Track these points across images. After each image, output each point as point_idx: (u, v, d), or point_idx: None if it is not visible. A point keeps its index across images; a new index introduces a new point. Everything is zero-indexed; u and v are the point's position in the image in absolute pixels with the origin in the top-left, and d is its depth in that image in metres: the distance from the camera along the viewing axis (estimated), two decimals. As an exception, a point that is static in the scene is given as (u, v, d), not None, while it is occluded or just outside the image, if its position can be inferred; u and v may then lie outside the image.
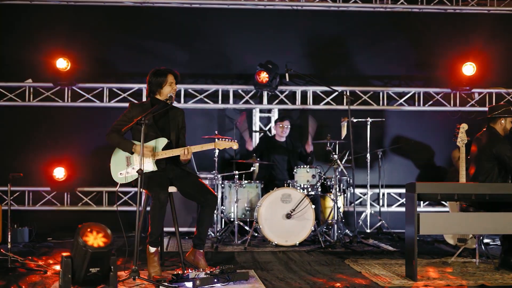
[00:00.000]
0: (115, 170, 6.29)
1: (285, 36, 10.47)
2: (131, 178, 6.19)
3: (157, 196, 5.92)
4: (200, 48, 10.38)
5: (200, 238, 6.23)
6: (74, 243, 4.05)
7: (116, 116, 10.09)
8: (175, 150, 6.18)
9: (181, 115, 6.48)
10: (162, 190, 5.96)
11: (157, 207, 5.93)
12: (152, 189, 5.95)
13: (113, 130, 6.34)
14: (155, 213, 5.97)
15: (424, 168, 10.65)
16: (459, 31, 10.51)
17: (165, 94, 6.33)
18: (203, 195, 6.15)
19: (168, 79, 6.35)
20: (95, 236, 4.01)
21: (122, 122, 6.32)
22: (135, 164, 6.21)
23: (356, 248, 8.15)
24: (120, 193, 10.20)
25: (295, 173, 8.66)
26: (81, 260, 3.97)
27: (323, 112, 10.48)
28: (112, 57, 10.25)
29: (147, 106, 6.34)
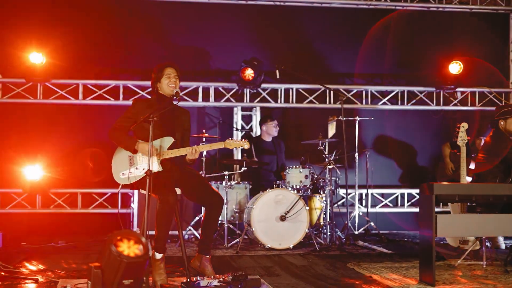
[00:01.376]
0: (117, 170, 5.88)
1: (266, 32, 10.18)
2: (134, 179, 5.80)
3: (166, 198, 5.53)
4: (178, 43, 9.99)
5: (206, 242, 5.84)
6: (104, 252, 3.63)
7: (91, 114, 9.78)
8: (181, 149, 5.80)
9: (186, 116, 6.12)
10: (171, 192, 5.57)
11: (166, 210, 5.54)
12: (159, 191, 5.54)
13: (116, 128, 5.94)
14: (163, 217, 5.57)
15: (407, 168, 10.50)
16: (443, 30, 10.43)
17: (164, 88, 5.99)
18: (208, 197, 5.78)
19: (165, 72, 6.00)
20: (128, 245, 3.61)
21: (126, 119, 5.95)
22: (139, 164, 5.81)
23: (351, 251, 7.90)
24: (95, 195, 9.72)
25: (287, 173, 8.35)
26: (113, 271, 3.56)
27: (306, 110, 10.21)
28: (88, 52, 9.74)
29: (152, 102, 5.98)
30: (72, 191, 9.63)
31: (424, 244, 5.95)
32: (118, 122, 5.96)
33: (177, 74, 6.02)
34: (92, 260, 7.11)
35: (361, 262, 7.09)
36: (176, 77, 6.01)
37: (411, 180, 10.45)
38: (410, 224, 10.37)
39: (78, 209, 9.63)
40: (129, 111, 5.97)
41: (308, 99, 10.10)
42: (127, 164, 5.83)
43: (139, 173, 5.78)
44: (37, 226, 9.40)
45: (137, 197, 8.80)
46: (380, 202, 10.30)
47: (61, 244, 8.39)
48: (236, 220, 8.42)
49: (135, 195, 8.82)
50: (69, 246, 8.30)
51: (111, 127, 5.96)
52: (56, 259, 7.15)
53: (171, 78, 5.97)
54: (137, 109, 5.92)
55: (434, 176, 10.23)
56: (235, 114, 10.05)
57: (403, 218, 10.36)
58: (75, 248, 8.12)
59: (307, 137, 9.88)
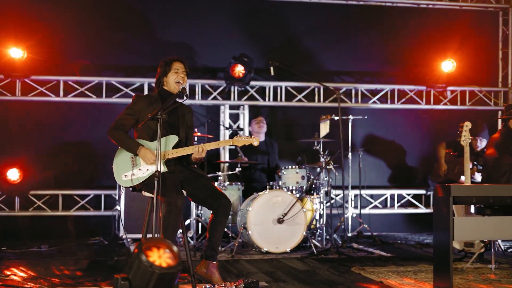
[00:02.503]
0: (118, 171, 5.52)
1: (253, 28, 9.88)
2: (137, 181, 5.44)
3: (174, 202, 5.17)
4: (163, 38, 9.61)
5: (213, 248, 5.51)
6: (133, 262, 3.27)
7: (73, 112, 9.35)
8: (187, 148, 5.47)
9: (189, 113, 5.78)
10: (179, 195, 5.23)
11: (174, 215, 5.18)
12: (166, 193, 5.19)
13: (116, 127, 5.57)
14: (171, 221, 5.19)
15: (396, 168, 10.29)
16: (433, 28, 10.24)
17: (170, 83, 5.65)
18: (215, 199, 5.45)
19: (173, 66, 5.67)
20: (159, 254, 3.27)
21: (127, 116, 5.59)
22: (142, 165, 5.45)
23: (349, 254, 7.66)
24: (76, 197, 9.29)
25: (283, 174, 8.06)
26: (144, 283, 3.19)
27: (295, 109, 9.94)
28: (69, 48, 9.30)
29: (155, 98, 5.63)
30: (53, 192, 9.18)
31: (440, 248, 5.71)
32: (119, 121, 5.61)
33: (185, 69, 5.70)
34: (83, 266, 6.81)
35: (365, 266, 6.84)
36: (184, 73, 5.69)
37: (400, 180, 10.25)
38: (400, 225, 10.19)
39: (59, 211, 9.18)
40: (130, 108, 5.62)
41: (297, 97, 9.82)
42: (130, 165, 5.48)
43: (142, 174, 5.44)
44: (15, 229, 8.94)
45: (124, 199, 8.41)
46: (370, 203, 10.06)
47: (44, 249, 7.99)
48: (229, 222, 8.09)
49: (122, 196, 8.43)
50: (53, 251, 7.89)
51: (111, 126, 5.59)
52: (44, 265, 6.77)
53: (179, 74, 5.64)
54: (139, 106, 5.58)
55: (426, 177, 10.05)
56: (222, 113, 9.71)
57: (393, 219, 10.15)
58: (61, 253, 7.70)
59: (296, 136, 9.65)
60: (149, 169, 5.41)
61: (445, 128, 10.22)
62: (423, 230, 10.15)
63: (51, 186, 9.13)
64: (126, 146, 5.48)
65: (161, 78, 5.70)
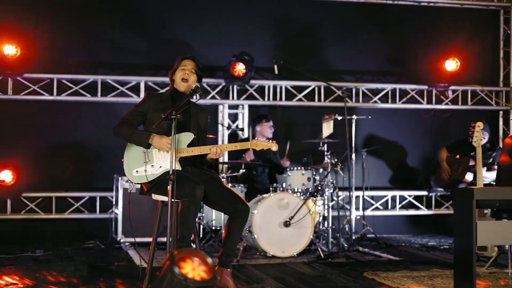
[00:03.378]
0: (129, 167, 5.24)
1: (252, 26, 9.60)
2: (151, 177, 5.17)
3: (192, 192, 4.90)
4: (159, 37, 9.32)
5: (229, 254, 5.25)
6: (164, 275, 3.01)
7: (67, 111, 9.03)
8: (203, 147, 5.21)
9: (204, 115, 5.55)
10: (197, 184, 4.95)
11: (192, 205, 4.92)
12: (184, 184, 4.91)
13: (122, 122, 5.31)
14: (189, 212, 4.93)
15: (397, 169, 10.09)
16: (434, 26, 10.06)
17: (177, 81, 5.42)
18: (232, 204, 5.19)
19: (181, 63, 5.44)
20: (193, 266, 3.01)
21: (135, 113, 5.37)
22: (155, 161, 5.19)
23: (357, 258, 7.43)
24: (70, 199, 8.97)
25: (288, 175, 7.81)
26: (177, 298, 2.94)
27: (294, 109, 9.70)
28: (63, 45, 8.98)
29: (166, 97, 5.40)
30: (46, 195, 8.85)
31: (462, 253, 5.49)
32: (126, 117, 5.36)
33: (194, 67, 5.42)
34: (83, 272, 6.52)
35: (377, 271, 6.62)
36: (192, 71, 5.41)
37: (401, 181, 10.04)
38: (401, 227, 9.99)
39: (52, 214, 8.85)
40: (139, 106, 5.38)
41: (298, 97, 9.58)
42: (141, 161, 5.21)
43: (155, 171, 5.19)
44: (7, 233, 8.62)
45: (122, 201, 8.12)
46: (371, 205, 9.85)
47: (39, 254, 7.66)
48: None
49: (120, 198, 8.14)
50: (49, 256, 7.56)
51: (117, 123, 5.35)
52: (41, 271, 6.46)
53: (185, 71, 5.38)
54: (148, 104, 5.33)
55: (427, 178, 9.85)
56: (220, 112, 9.44)
57: (394, 221, 9.95)
58: (58, 258, 7.38)
59: (296, 136, 9.39)
60: (162, 166, 5.16)
61: (446, 129, 10.05)
62: (425, 232, 9.97)
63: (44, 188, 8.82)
64: (136, 138, 5.23)
65: (172, 76, 5.45)
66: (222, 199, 5.19)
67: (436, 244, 8.84)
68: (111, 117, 9.05)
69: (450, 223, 10.12)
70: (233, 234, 5.23)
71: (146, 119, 5.34)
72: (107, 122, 9.02)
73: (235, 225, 5.21)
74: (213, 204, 5.24)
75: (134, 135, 5.23)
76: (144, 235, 8.17)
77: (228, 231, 5.23)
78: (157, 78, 9.15)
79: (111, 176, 8.76)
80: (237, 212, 5.17)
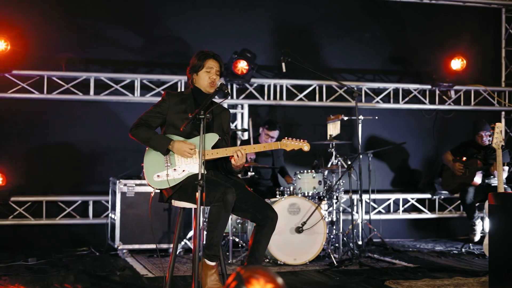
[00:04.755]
0: (150, 171, 4.82)
1: (251, 23, 9.23)
2: (174, 182, 4.76)
3: (224, 196, 4.52)
4: (155, 32, 8.89)
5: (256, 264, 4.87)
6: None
7: (58, 110, 8.55)
8: (229, 149, 4.81)
9: (226, 115, 5.13)
10: (228, 188, 4.56)
11: (223, 210, 4.53)
12: (213, 188, 4.52)
13: (140, 124, 4.90)
14: (219, 219, 4.55)
15: (399, 171, 9.78)
16: (436, 24, 9.83)
17: (201, 83, 4.98)
18: (260, 210, 4.79)
19: (206, 63, 4.96)
20: (262, 286, 2.62)
21: (154, 114, 4.95)
22: (178, 165, 4.78)
23: (370, 264, 7.08)
24: (61, 203, 8.48)
25: (298, 178, 7.42)
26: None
27: (295, 108, 9.34)
28: (54, 41, 8.50)
29: (186, 97, 4.98)
30: (36, 199, 8.35)
31: (498, 261, 5.19)
32: (144, 118, 4.94)
33: (219, 69, 5.00)
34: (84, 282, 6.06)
35: (398, 279, 6.28)
36: (218, 72, 5.00)
37: (403, 184, 9.74)
38: (404, 231, 9.68)
39: (43, 219, 8.36)
40: (158, 106, 4.96)
41: (299, 96, 9.22)
42: (163, 165, 4.79)
43: (178, 175, 4.78)
44: (-4, 240, 8.14)
45: (119, 206, 7.68)
46: (373, 209, 9.52)
47: (32, 262, 7.16)
48: (239, 231, 7.45)
49: (117, 203, 7.69)
50: (43, 264, 7.07)
51: (134, 124, 4.92)
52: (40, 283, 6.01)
53: (212, 75, 4.96)
54: (168, 104, 4.91)
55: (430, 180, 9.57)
56: (219, 112, 9.01)
57: (397, 225, 9.64)
58: (53, 268, 6.88)
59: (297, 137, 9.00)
60: (186, 170, 4.76)
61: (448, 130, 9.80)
62: (428, 236, 9.69)
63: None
64: (155, 143, 4.81)
65: (191, 74, 5.00)
66: (249, 206, 4.80)
67: (444, 249, 8.55)
68: (104, 116, 8.66)
69: (453, 226, 9.89)
70: (261, 243, 4.85)
71: (165, 120, 4.92)
72: (100, 122, 8.64)
73: (263, 234, 4.83)
74: (240, 210, 4.83)
75: (152, 139, 4.82)
76: (143, 242, 7.75)
77: (255, 240, 4.84)
78: (152, 76, 8.73)
79: (105, 179, 8.33)
80: (265, 219, 4.80)
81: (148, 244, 7.75)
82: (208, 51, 5.01)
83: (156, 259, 7.48)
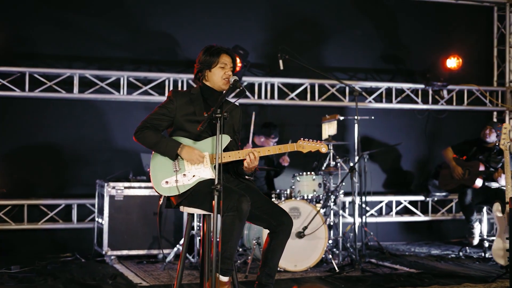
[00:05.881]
0: (157, 177, 4.46)
1: (241, 19, 8.88)
2: (184, 188, 4.40)
3: (238, 205, 4.19)
4: (142, 28, 8.49)
5: (271, 275, 4.53)
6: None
7: (40, 109, 8.12)
8: (241, 151, 4.48)
9: (237, 113, 4.78)
10: (243, 196, 4.23)
11: (237, 220, 4.20)
12: (227, 196, 4.17)
13: (145, 127, 4.53)
14: (233, 229, 4.21)
15: (391, 172, 9.53)
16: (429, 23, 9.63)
17: (215, 80, 4.62)
18: (275, 217, 4.47)
19: (220, 59, 4.60)
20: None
21: (160, 116, 4.58)
22: (187, 169, 4.44)
23: (371, 270, 6.84)
24: (43, 207, 8.05)
25: (297, 181, 7.10)
26: None
27: (285, 108, 9.03)
28: (36, 35, 8.07)
29: (196, 96, 4.62)
30: (17, 202, 7.88)
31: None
32: (148, 121, 4.56)
33: (232, 65, 4.66)
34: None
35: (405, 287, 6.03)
36: (232, 69, 4.65)
37: (395, 185, 9.50)
38: (396, 234, 9.43)
39: (24, 224, 7.91)
40: (164, 107, 4.59)
41: (290, 95, 8.90)
42: (171, 169, 4.44)
43: (187, 181, 4.44)
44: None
45: (108, 210, 7.30)
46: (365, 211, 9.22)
47: (15, 270, 6.74)
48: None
49: (105, 207, 7.31)
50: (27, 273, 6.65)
51: (139, 126, 4.56)
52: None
53: (227, 71, 4.62)
54: (176, 104, 4.55)
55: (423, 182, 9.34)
56: (208, 111, 8.67)
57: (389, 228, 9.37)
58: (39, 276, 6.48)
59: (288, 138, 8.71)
60: (196, 175, 4.42)
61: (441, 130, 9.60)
62: (420, 239, 9.45)
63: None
64: (162, 147, 4.46)
65: (204, 71, 4.63)
66: (264, 212, 4.48)
67: (440, 253, 8.32)
68: (88, 115, 8.28)
69: (445, 229, 9.68)
70: (275, 252, 4.54)
71: (173, 122, 4.56)
72: (84, 121, 8.26)
73: (278, 242, 4.51)
74: (253, 217, 4.47)
75: (160, 143, 4.46)
76: (132, 248, 7.40)
77: (269, 249, 4.53)
78: (139, 73, 8.34)
79: (90, 181, 7.95)
80: (280, 226, 4.49)
81: (138, 250, 7.41)
82: (220, 46, 4.67)
83: (147, 266, 7.14)
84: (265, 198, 4.57)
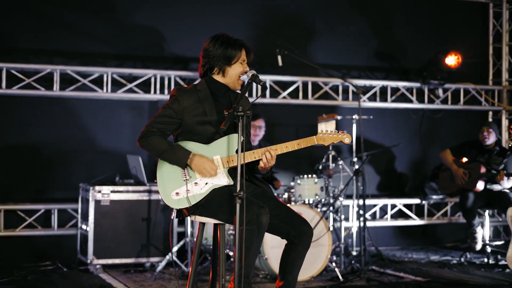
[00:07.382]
0: (167, 189, 3.99)
1: (230, 14, 8.42)
2: (195, 200, 3.97)
3: (257, 218, 3.79)
4: (127, 22, 8.00)
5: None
6: None
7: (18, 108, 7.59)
8: (256, 151, 4.04)
9: None
10: (262, 208, 3.82)
11: (256, 234, 3.80)
12: (246, 208, 3.71)
13: (151, 132, 4.04)
14: (251, 244, 3.80)
15: (385, 174, 9.17)
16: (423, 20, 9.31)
17: (233, 76, 4.16)
18: (295, 226, 4.05)
19: (241, 55, 4.15)
20: None
21: (166, 119, 4.09)
22: (197, 178, 3.96)
23: (377, 279, 6.46)
24: (20, 212, 7.50)
25: (298, 184, 6.68)
26: None
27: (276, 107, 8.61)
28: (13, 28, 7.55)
29: (203, 93, 4.13)
30: (-9, 208, 7.37)
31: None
32: (155, 125, 4.07)
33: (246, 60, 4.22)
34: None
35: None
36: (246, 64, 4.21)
37: (389, 188, 9.14)
38: (390, 239, 9.07)
39: (1, 231, 7.36)
40: (169, 107, 4.09)
41: (282, 94, 8.48)
42: (181, 178, 3.97)
43: (200, 190, 3.98)
44: None
45: (93, 215, 6.80)
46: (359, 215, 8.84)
47: (-7, 281, 6.24)
48: (230, 243, 6.68)
49: (90, 212, 6.81)
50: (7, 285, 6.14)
51: (143, 132, 4.05)
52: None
53: (246, 67, 4.17)
54: (183, 104, 4.06)
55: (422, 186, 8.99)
56: (196, 110, 8.21)
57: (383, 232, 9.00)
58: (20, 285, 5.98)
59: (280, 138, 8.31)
60: (209, 182, 3.97)
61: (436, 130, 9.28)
62: (415, 244, 9.10)
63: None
64: (170, 156, 3.99)
65: (220, 64, 4.13)
66: (282, 220, 4.06)
67: (440, 259, 7.99)
68: (70, 114, 7.80)
69: (440, 233, 9.36)
70: (294, 266, 4.15)
71: (181, 124, 4.10)
72: (65, 121, 7.77)
73: (298, 253, 4.13)
74: (271, 227, 4.00)
75: (168, 151, 4.00)
76: (119, 256, 6.91)
77: (288, 260, 4.12)
78: (124, 70, 7.85)
79: (71, 185, 7.47)
80: (300, 236, 4.08)
81: (126, 258, 6.92)
82: (236, 38, 4.20)
83: (135, 275, 6.68)
84: (283, 205, 4.15)
